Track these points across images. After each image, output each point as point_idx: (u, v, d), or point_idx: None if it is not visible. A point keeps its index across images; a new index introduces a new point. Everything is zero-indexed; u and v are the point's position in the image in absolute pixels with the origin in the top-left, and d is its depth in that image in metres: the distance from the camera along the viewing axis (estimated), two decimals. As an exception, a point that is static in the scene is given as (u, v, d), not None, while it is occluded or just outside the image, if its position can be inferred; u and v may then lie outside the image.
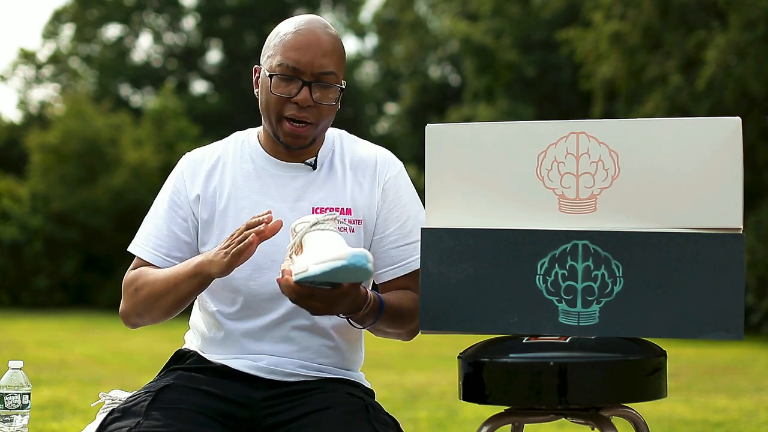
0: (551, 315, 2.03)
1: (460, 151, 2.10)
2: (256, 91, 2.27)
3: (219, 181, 2.28)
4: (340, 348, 2.27)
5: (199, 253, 2.25)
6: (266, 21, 26.82)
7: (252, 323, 2.23)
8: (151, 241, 2.27)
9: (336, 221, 2.06)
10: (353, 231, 2.25)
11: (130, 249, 2.30)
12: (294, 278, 1.93)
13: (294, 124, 2.19)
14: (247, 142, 2.32)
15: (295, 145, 2.22)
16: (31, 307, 19.94)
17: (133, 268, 2.28)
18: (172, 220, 2.27)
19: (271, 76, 2.19)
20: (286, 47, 2.18)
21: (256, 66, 2.28)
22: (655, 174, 2.02)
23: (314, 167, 2.27)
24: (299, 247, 2.01)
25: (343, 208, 2.25)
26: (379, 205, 2.28)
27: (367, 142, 2.37)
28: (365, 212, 2.27)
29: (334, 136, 2.34)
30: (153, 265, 2.26)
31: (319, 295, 1.95)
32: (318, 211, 2.23)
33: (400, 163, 2.35)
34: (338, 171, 2.28)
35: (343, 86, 2.23)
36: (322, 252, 1.93)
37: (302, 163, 2.27)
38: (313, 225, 2.02)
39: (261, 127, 2.32)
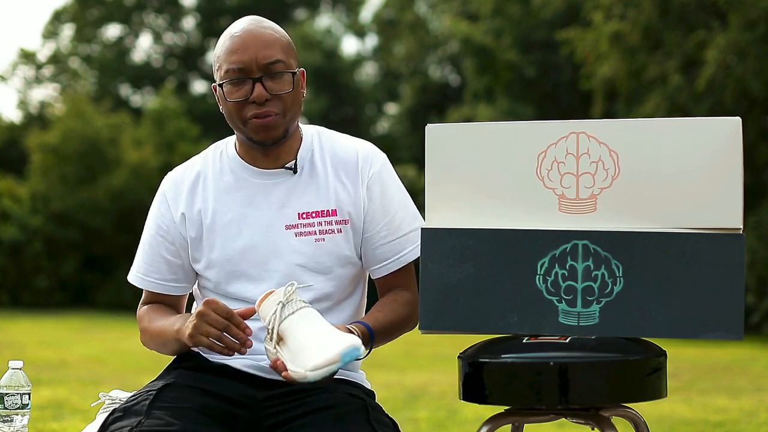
0: (551, 315, 2.03)
1: (460, 151, 2.10)
2: (221, 108, 2.26)
3: (202, 198, 2.27)
4: (341, 347, 2.27)
5: (192, 270, 2.30)
6: (266, 21, 26.78)
7: (253, 324, 2.22)
8: (143, 269, 2.33)
9: (297, 292, 2.03)
10: (340, 231, 2.24)
11: (129, 279, 2.36)
12: (294, 378, 1.96)
13: (260, 119, 2.18)
14: (225, 152, 2.31)
15: (268, 140, 2.21)
16: (31, 307, 19.93)
17: (143, 303, 2.37)
18: (160, 246, 2.30)
19: (221, 85, 2.19)
20: (227, 53, 2.19)
21: (213, 85, 2.26)
22: (655, 174, 2.02)
23: (295, 171, 2.26)
24: (278, 338, 2.00)
25: (328, 210, 2.24)
26: (365, 203, 2.26)
27: (347, 136, 2.35)
28: (351, 211, 2.26)
29: (312, 134, 2.32)
30: (152, 292, 2.33)
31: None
32: (304, 216, 2.23)
33: (383, 156, 2.33)
34: (320, 172, 2.26)
35: (295, 71, 2.21)
36: (312, 355, 1.95)
37: (282, 168, 2.26)
38: (282, 309, 2.00)
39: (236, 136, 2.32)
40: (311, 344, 1.96)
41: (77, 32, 29.95)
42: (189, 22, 31.21)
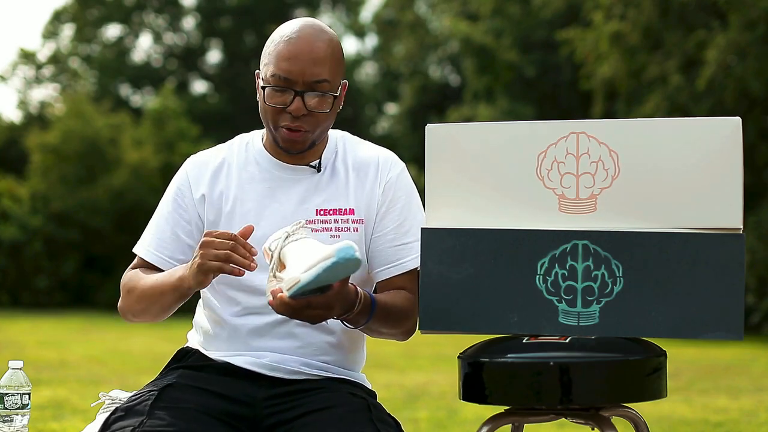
0: (551, 315, 2.03)
1: (460, 151, 2.10)
2: (257, 96, 2.28)
3: (225, 183, 2.29)
4: (343, 345, 2.27)
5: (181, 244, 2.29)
6: (266, 21, 26.83)
7: (257, 320, 2.23)
8: (154, 244, 2.30)
9: (305, 228, 2.05)
10: (356, 231, 2.26)
11: (135, 250, 2.33)
12: (288, 293, 1.93)
13: (290, 131, 2.21)
14: (251, 144, 2.33)
15: (293, 150, 2.24)
16: (31, 307, 19.93)
17: (132, 268, 2.31)
18: (175, 223, 2.30)
19: (264, 87, 2.21)
20: (278, 57, 2.19)
21: (257, 71, 2.29)
22: (655, 174, 2.02)
23: (318, 170, 2.28)
24: (280, 264, 2.01)
25: (345, 209, 2.26)
26: (378, 204, 2.28)
27: (370, 143, 2.38)
28: (366, 211, 2.28)
29: (337, 137, 2.35)
30: (155, 266, 2.29)
31: (314, 303, 1.97)
32: (322, 212, 2.25)
33: (402, 164, 2.35)
34: (341, 173, 2.29)
35: (338, 93, 2.22)
36: (306, 259, 1.93)
37: (306, 165, 2.28)
38: (286, 238, 2.02)
39: (264, 130, 2.33)
40: (307, 254, 1.94)
41: (77, 32, 29.95)
42: (189, 22, 31.21)
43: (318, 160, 2.29)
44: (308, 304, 1.96)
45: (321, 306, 1.98)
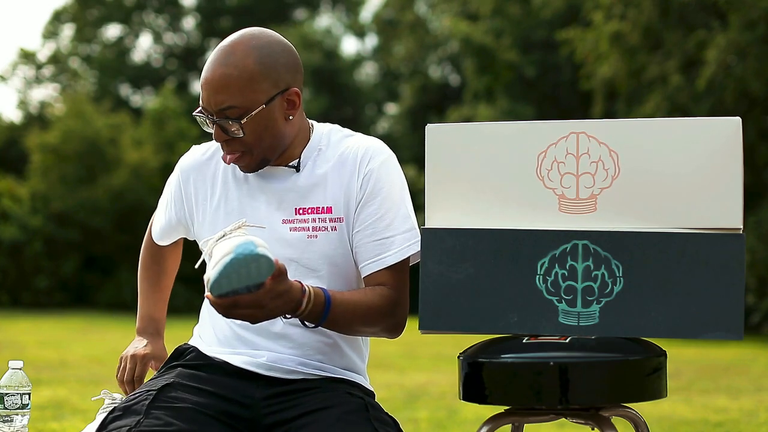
0: (551, 315, 2.03)
1: (460, 151, 2.10)
2: None
3: (211, 183, 2.31)
4: (340, 346, 2.26)
5: (186, 233, 2.41)
6: (266, 21, 26.82)
7: None
8: (161, 233, 2.46)
9: (243, 228, 2.03)
10: (335, 229, 2.22)
11: (154, 236, 2.51)
12: (210, 293, 1.92)
13: (225, 156, 2.22)
14: None
15: (243, 171, 2.24)
16: (31, 307, 19.93)
17: (152, 229, 2.51)
18: (171, 218, 2.40)
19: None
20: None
21: None
22: (655, 174, 2.02)
23: (297, 169, 2.26)
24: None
25: (322, 207, 2.23)
26: (357, 197, 2.23)
27: (360, 135, 2.32)
28: (345, 208, 2.23)
29: (323, 133, 2.30)
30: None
31: (243, 302, 1.93)
32: (300, 211, 2.23)
33: (387, 152, 2.27)
34: (322, 171, 2.25)
35: (248, 117, 2.14)
36: (215, 257, 1.92)
37: (286, 166, 2.26)
38: (221, 238, 2.01)
39: None
40: (220, 252, 1.93)
41: (77, 32, 29.96)
42: (189, 22, 31.23)
43: (297, 160, 2.26)
44: (235, 303, 1.93)
45: (249, 305, 1.94)
